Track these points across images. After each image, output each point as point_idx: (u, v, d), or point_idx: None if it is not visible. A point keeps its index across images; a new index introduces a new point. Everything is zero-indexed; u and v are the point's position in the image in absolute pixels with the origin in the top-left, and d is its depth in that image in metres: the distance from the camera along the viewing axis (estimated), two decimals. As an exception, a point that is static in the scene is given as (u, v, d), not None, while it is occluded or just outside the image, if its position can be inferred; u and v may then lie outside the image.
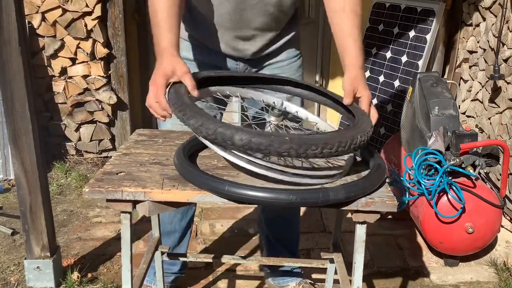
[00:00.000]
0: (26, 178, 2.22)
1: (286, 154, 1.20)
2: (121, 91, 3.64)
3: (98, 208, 3.14)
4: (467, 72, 3.51)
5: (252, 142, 1.19)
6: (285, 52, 1.96)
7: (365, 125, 1.39)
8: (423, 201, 2.54)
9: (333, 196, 1.28)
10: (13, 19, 2.04)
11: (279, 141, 1.19)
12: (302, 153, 1.21)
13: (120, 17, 3.50)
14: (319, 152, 1.23)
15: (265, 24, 1.82)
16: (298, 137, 1.22)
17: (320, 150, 1.22)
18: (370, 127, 1.40)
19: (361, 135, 1.32)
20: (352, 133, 1.31)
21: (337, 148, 1.25)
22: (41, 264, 2.32)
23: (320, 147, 1.22)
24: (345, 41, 1.62)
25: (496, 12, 3.10)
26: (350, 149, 1.29)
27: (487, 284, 2.48)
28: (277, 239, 2.29)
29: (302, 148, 1.20)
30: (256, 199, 1.25)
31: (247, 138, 1.19)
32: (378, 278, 2.49)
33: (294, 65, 2.00)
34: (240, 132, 1.20)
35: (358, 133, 1.32)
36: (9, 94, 2.13)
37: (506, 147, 2.53)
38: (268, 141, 1.19)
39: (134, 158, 1.56)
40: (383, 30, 3.82)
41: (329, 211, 2.98)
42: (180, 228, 2.15)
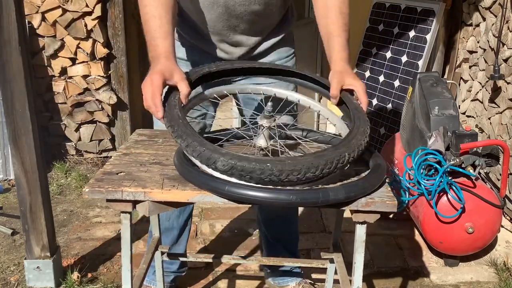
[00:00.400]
0: (26, 178, 2.22)
1: (268, 180, 1.23)
2: (121, 91, 3.64)
3: (98, 208, 3.14)
4: (467, 72, 3.51)
5: (235, 168, 1.23)
6: (276, 52, 1.96)
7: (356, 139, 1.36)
8: (423, 201, 2.53)
9: (333, 196, 1.28)
10: (13, 19, 2.05)
11: (260, 168, 1.22)
12: (284, 179, 1.23)
13: (120, 17, 3.51)
14: (302, 176, 1.24)
15: (252, 30, 1.84)
16: (281, 164, 1.22)
17: (302, 175, 1.24)
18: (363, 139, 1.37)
19: (349, 152, 1.31)
20: (339, 151, 1.30)
21: (321, 171, 1.25)
22: (41, 264, 2.32)
23: (303, 172, 1.23)
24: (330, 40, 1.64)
25: (496, 12, 3.10)
26: (338, 168, 1.29)
27: (487, 284, 2.48)
28: (276, 239, 2.29)
29: (283, 175, 1.22)
30: (256, 199, 1.25)
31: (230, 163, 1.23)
32: (378, 278, 2.49)
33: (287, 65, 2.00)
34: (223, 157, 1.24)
35: (345, 151, 1.30)
36: (9, 94, 2.13)
37: (506, 147, 2.53)
38: (250, 167, 1.22)
39: (134, 158, 1.56)
40: (383, 30, 3.82)
41: (329, 211, 2.98)
42: (178, 225, 2.16)
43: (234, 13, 1.76)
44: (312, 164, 1.24)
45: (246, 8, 1.75)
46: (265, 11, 1.80)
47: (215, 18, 1.78)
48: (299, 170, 1.23)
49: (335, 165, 1.27)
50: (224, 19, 1.78)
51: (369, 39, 3.89)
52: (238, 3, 1.74)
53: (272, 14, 1.85)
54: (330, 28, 1.65)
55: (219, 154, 1.25)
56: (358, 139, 1.36)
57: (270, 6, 1.80)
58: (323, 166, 1.25)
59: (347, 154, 1.30)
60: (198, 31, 1.86)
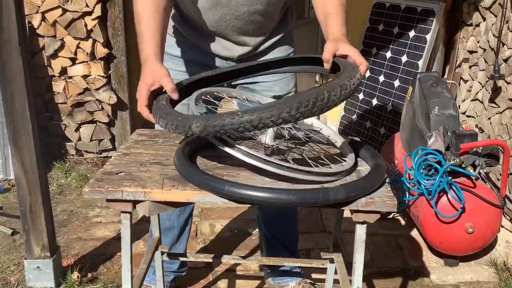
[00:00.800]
0: (26, 178, 2.22)
1: (243, 129, 1.20)
2: (121, 91, 3.64)
3: (98, 208, 3.14)
4: (467, 72, 3.51)
5: (208, 126, 1.22)
6: (276, 50, 1.97)
7: (340, 79, 1.30)
8: (423, 201, 2.54)
9: (333, 196, 1.28)
10: (13, 19, 2.05)
11: (230, 120, 1.19)
12: (258, 125, 1.19)
13: (120, 17, 3.51)
14: (276, 119, 1.18)
15: (255, 30, 1.85)
16: (251, 111, 1.19)
17: (277, 117, 1.19)
18: (347, 80, 1.31)
19: (328, 91, 1.24)
20: (317, 89, 1.24)
21: (296, 110, 1.19)
22: (41, 264, 2.32)
23: (276, 114, 1.18)
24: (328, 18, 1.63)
25: (496, 12, 3.10)
26: (317, 108, 1.22)
27: (487, 284, 2.48)
28: (276, 238, 2.29)
29: (255, 121, 1.18)
30: (256, 199, 1.25)
31: (203, 124, 1.23)
32: (378, 278, 2.49)
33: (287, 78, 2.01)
34: (195, 119, 1.24)
35: (324, 89, 1.24)
36: (9, 94, 2.13)
37: (506, 147, 2.53)
38: (220, 121, 1.21)
39: (134, 158, 1.56)
40: (383, 30, 3.82)
41: (329, 211, 2.98)
42: (179, 224, 2.16)
43: (236, 14, 1.77)
44: (285, 105, 1.20)
45: (249, 8, 1.76)
46: (268, 11, 1.80)
47: (217, 19, 1.78)
48: (271, 112, 1.18)
49: (313, 103, 1.21)
50: (227, 19, 1.78)
51: (369, 39, 3.89)
52: (241, 3, 1.74)
53: (274, 13, 1.85)
54: (327, 8, 1.65)
55: (193, 118, 1.27)
56: (341, 80, 1.30)
57: (272, 6, 1.80)
58: (298, 105, 1.20)
59: (326, 92, 1.25)
60: (199, 30, 1.86)
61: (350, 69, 1.38)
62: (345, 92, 1.29)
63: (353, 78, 1.34)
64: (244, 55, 1.89)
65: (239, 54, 1.89)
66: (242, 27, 1.81)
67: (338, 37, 1.55)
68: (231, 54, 1.88)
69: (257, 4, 1.76)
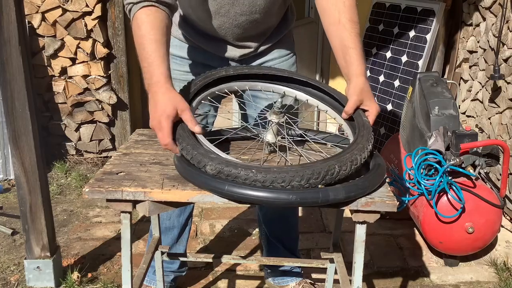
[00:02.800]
0: (26, 178, 2.22)
1: (253, 186, 1.27)
2: (121, 91, 3.64)
3: (98, 208, 3.14)
4: (467, 72, 3.51)
5: (222, 172, 1.28)
6: (277, 50, 1.97)
7: (351, 154, 1.36)
8: (423, 201, 2.54)
9: (333, 196, 1.28)
10: (13, 19, 2.05)
11: (245, 174, 1.26)
12: (268, 186, 1.26)
13: (120, 17, 3.50)
14: (286, 185, 1.26)
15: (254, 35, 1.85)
16: (266, 171, 1.26)
17: (287, 183, 1.26)
18: (359, 154, 1.37)
19: (339, 165, 1.31)
20: (328, 163, 1.30)
21: (307, 181, 1.27)
22: (41, 264, 2.32)
23: (287, 181, 1.26)
24: (347, 53, 1.59)
25: (496, 12, 3.10)
26: (327, 180, 1.29)
27: (487, 284, 2.48)
28: (276, 237, 2.29)
29: (267, 182, 1.26)
30: (256, 198, 1.26)
31: (218, 168, 1.28)
32: (378, 278, 2.49)
33: (287, 63, 2.01)
34: (211, 161, 1.29)
35: (335, 164, 1.30)
36: (9, 94, 2.13)
37: (506, 147, 2.53)
38: (236, 172, 1.27)
39: (134, 158, 1.56)
40: (383, 30, 3.82)
41: (329, 211, 2.98)
42: (179, 224, 2.16)
43: (235, 23, 1.78)
44: (297, 173, 1.26)
45: (247, 17, 1.77)
46: (266, 18, 1.81)
47: (217, 27, 1.79)
48: (283, 178, 1.26)
49: (323, 176, 1.28)
50: (226, 27, 1.79)
51: (369, 39, 3.89)
52: (239, 13, 1.75)
53: (272, 19, 1.86)
54: (345, 38, 1.59)
55: (208, 159, 1.30)
56: (354, 154, 1.36)
57: (270, 13, 1.81)
58: (309, 176, 1.27)
59: (337, 167, 1.31)
60: (200, 33, 1.87)
61: (364, 140, 1.42)
62: (354, 167, 1.35)
63: (365, 151, 1.39)
64: (245, 55, 1.90)
65: (241, 55, 1.89)
66: (242, 34, 1.82)
67: (363, 86, 1.54)
68: (232, 55, 1.89)
69: (255, 13, 1.76)
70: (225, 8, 1.73)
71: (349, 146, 1.41)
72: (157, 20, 1.49)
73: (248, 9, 1.75)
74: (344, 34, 1.60)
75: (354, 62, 1.57)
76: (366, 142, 1.42)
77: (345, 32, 1.60)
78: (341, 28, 1.60)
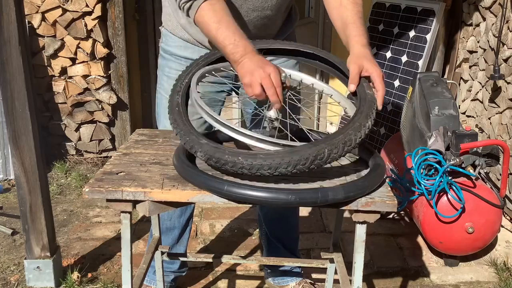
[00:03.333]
0: (26, 178, 2.22)
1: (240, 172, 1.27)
2: (121, 91, 3.64)
3: (98, 208, 3.14)
4: (467, 72, 3.51)
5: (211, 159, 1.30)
6: None
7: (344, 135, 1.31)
8: (423, 201, 2.53)
9: (332, 196, 1.28)
10: (13, 19, 2.04)
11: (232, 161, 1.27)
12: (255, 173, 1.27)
13: (120, 17, 3.50)
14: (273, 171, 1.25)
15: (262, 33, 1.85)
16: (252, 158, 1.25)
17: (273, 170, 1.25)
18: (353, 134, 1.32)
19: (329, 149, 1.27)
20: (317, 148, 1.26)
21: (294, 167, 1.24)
22: (41, 264, 2.32)
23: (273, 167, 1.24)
24: (347, 28, 1.61)
25: (496, 12, 3.10)
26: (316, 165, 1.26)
27: (487, 284, 2.48)
28: (276, 237, 2.29)
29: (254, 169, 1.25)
30: (255, 199, 1.26)
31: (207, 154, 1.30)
32: (378, 278, 2.49)
33: (290, 62, 2.01)
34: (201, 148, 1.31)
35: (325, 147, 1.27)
36: (9, 94, 2.13)
37: (506, 147, 2.53)
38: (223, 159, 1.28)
39: (134, 158, 1.56)
40: (383, 30, 3.82)
41: (329, 211, 2.98)
42: (180, 225, 2.16)
43: (247, 19, 1.78)
44: (284, 160, 1.24)
45: (259, 13, 1.78)
46: (276, 16, 1.83)
47: None
48: (269, 165, 1.24)
49: (311, 161, 1.25)
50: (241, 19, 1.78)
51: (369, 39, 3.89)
52: (252, 8, 1.76)
53: (281, 17, 1.88)
54: (344, 16, 1.64)
55: (199, 145, 1.32)
56: (348, 134, 1.31)
57: (280, 11, 1.83)
58: (296, 162, 1.24)
59: (327, 151, 1.27)
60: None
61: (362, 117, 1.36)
62: (348, 148, 1.31)
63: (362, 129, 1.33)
64: None
65: None
66: (251, 31, 1.82)
67: (361, 53, 1.54)
68: None
69: (267, 9, 1.78)
70: (238, 3, 1.74)
71: (345, 125, 1.35)
72: (223, 6, 1.56)
73: (260, 5, 1.76)
74: (345, 14, 1.64)
75: (353, 35, 1.59)
76: (365, 119, 1.36)
77: (346, 11, 1.64)
78: (343, 9, 1.65)
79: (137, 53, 3.85)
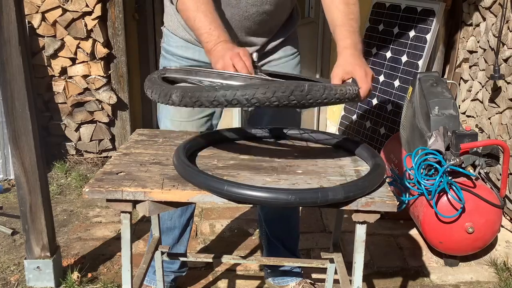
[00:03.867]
0: (26, 178, 2.22)
1: (217, 103, 1.23)
2: (121, 91, 3.64)
3: (98, 208, 3.14)
4: (467, 72, 3.51)
5: (185, 97, 1.26)
6: (282, 50, 1.98)
7: (329, 83, 1.31)
8: (423, 201, 2.53)
9: (332, 196, 1.28)
10: (13, 19, 2.04)
11: (206, 92, 1.23)
12: (232, 101, 1.23)
13: (120, 17, 3.50)
14: (251, 98, 1.21)
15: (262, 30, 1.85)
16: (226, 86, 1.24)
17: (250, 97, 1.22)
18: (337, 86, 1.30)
19: (310, 85, 1.24)
20: (298, 82, 1.24)
21: (272, 93, 1.21)
22: (41, 264, 2.32)
23: (251, 94, 1.21)
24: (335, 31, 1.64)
25: (496, 12, 3.10)
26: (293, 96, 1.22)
27: (487, 284, 2.48)
28: (277, 238, 2.29)
29: (230, 96, 1.22)
30: (255, 199, 1.26)
31: (182, 93, 1.27)
32: (378, 278, 2.49)
33: (291, 63, 2.02)
34: (175, 89, 1.30)
35: (306, 83, 1.24)
36: (9, 94, 2.13)
37: (506, 147, 2.53)
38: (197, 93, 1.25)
39: (134, 158, 1.56)
40: (383, 30, 3.82)
41: (329, 211, 2.98)
42: (180, 225, 2.16)
43: (246, 14, 1.78)
44: (263, 85, 1.22)
45: (258, 8, 1.77)
46: (276, 11, 1.82)
47: (227, 20, 1.79)
48: (246, 90, 1.21)
49: (290, 91, 1.22)
50: (236, 19, 1.79)
51: (369, 39, 3.89)
52: (251, 3, 1.76)
53: (282, 13, 1.87)
54: (335, 18, 1.65)
55: (174, 88, 1.30)
56: (329, 84, 1.31)
57: (280, 6, 1.82)
58: (275, 89, 1.21)
59: (307, 86, 1.25)
60: None
61: (346, 84, 1.39)
62: (328, 93, 1.28)
63: (344, 88, 1.33)
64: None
65: None
66: (251, 27, 1.82)
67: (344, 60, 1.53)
68: None
69: (266, 4, 1.78)
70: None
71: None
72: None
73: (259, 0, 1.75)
74: (335, 15, 1.66)
75: (339, 38, 1.61)
76: (349, 85, 1.38)
77: (336, 13, 1.66)
78: (334, 10, 1.66)
79: (137, 53, 3.85)
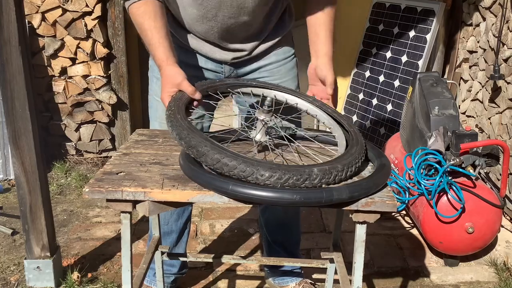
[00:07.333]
0: (26, 178, 2.22)
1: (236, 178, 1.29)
2: (121, 91, 3.64)
3: (98, 208, 3.14)
4: (467, 72, 3.51)
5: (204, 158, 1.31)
6: (274, 54, 1.95)
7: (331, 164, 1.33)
8: (423, 201, 2.54)
9: (337, 196, 1.27)
10: (13, 19, 2.04)
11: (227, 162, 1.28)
12: (232, 174, 1.29)
13: (120, 17, 3.50)
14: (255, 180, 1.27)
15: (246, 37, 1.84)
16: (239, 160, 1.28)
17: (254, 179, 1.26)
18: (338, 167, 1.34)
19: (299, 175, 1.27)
20: (299, 168, 1.29)
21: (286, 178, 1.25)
22: (41, 264, 2.32)
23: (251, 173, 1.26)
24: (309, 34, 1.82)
25: (496, 12, 3.10)
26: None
27: (487, 284, 2.48)
28: (277, 243, 2.29)
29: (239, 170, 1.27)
30: (260, 198, 1.25)
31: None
32: (378, 278, 2.49)
33: (284, 67, 1.98)
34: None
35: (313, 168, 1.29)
36: (9, 94, 2.13)
37: (506, 147, 2.53)
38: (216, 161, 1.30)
39: (134, 158, 1.56)
40: (383, 30, 3.82)
41: (329, 211, 2.98)
42: (177, 229, 2.15)
43: (224, 27, 1.76)
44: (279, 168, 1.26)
45: (235, 20, 1.75)
46: (255, 20, 1.79)
47: (205, 31, 1.78)
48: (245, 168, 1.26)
49: (304, 180, 1.27)
50: (215, 31, 1.78)
51: (369, 39, 3.89)
52: (228, 16, 1.73)
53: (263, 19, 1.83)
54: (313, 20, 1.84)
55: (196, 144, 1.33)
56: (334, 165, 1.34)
57: (259, 14, 1.79)
58: (291, 176, 1.26)
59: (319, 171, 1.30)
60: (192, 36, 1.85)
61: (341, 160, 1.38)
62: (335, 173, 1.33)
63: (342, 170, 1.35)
64: (238, 58, 1.88)
65: (233, 58, 1.87)
66: (232, 37, 1.80)
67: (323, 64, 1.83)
68: (224, 58, 1.87)
69: (244, 15, 1.74)
70: (212, 12, 1.72)
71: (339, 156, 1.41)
72: (148, 9, 1.64)
73: (236, 11, 1.73)
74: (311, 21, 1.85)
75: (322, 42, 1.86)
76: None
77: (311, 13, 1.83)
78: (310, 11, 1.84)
79: (137, 53, 3.85)
